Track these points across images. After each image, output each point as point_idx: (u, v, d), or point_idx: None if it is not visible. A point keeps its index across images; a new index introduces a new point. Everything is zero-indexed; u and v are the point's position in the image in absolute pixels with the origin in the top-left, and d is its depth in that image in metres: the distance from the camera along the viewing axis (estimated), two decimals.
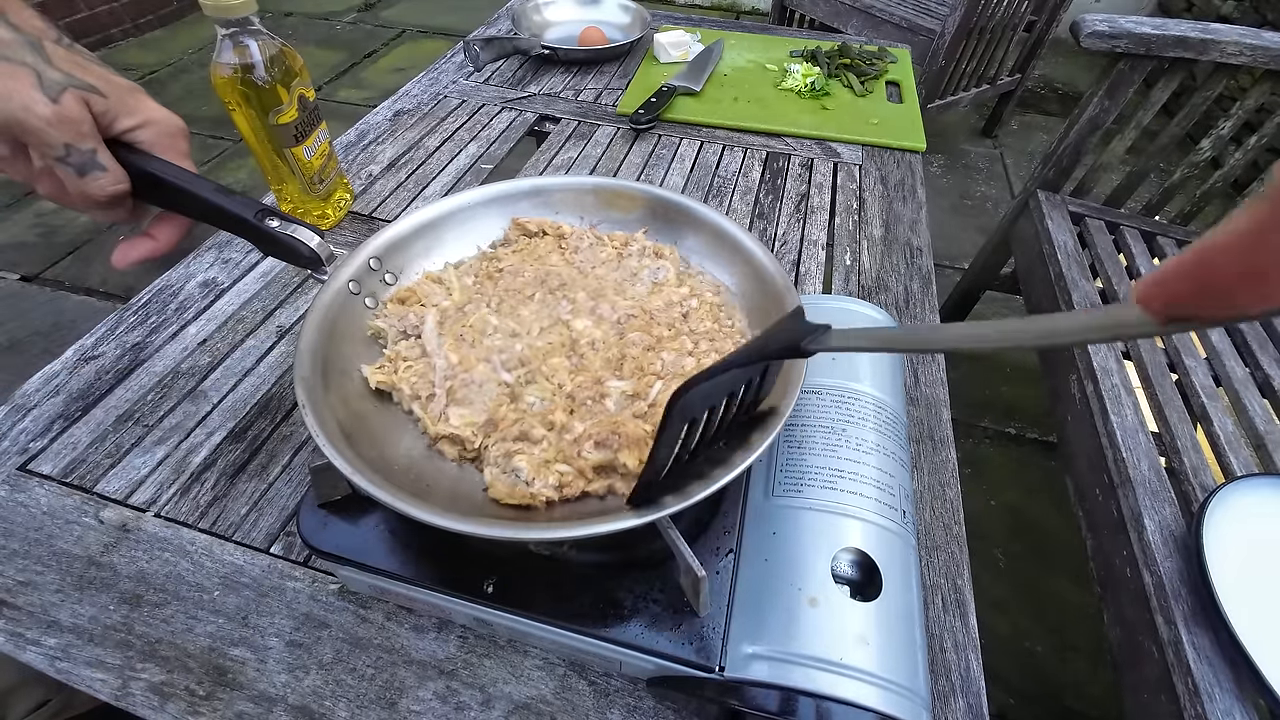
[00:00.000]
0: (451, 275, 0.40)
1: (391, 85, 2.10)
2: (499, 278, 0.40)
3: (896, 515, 0.32)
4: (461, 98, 0.85)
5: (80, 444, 0.45)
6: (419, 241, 0.41)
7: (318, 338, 0.33)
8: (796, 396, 0.29)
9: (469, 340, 0.36)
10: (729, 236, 0.41)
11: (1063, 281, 0.91)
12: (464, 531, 0.25)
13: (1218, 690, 0.50)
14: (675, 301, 0.39)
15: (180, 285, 0.57)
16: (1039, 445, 1.27)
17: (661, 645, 0.29)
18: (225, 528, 0.41)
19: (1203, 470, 0.67)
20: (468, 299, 0.39)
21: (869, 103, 0.85)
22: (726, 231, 0.41)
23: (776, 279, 0.37)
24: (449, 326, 0.37)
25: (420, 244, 0.41)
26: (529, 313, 0.38)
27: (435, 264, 0.41)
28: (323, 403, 0.30)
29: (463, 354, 0.35)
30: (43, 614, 0.36)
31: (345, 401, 0.33)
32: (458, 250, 0.42)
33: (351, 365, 0.35)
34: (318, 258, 0.35)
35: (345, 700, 0.34)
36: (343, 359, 0.35)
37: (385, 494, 0.26)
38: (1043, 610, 1.02)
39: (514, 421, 0.32)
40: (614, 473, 0.31)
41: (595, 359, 0.35)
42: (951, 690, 0.35)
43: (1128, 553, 0.62)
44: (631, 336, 0.36)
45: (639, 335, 0.36)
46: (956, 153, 2.06)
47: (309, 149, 0.57)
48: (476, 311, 0.38)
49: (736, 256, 0.40)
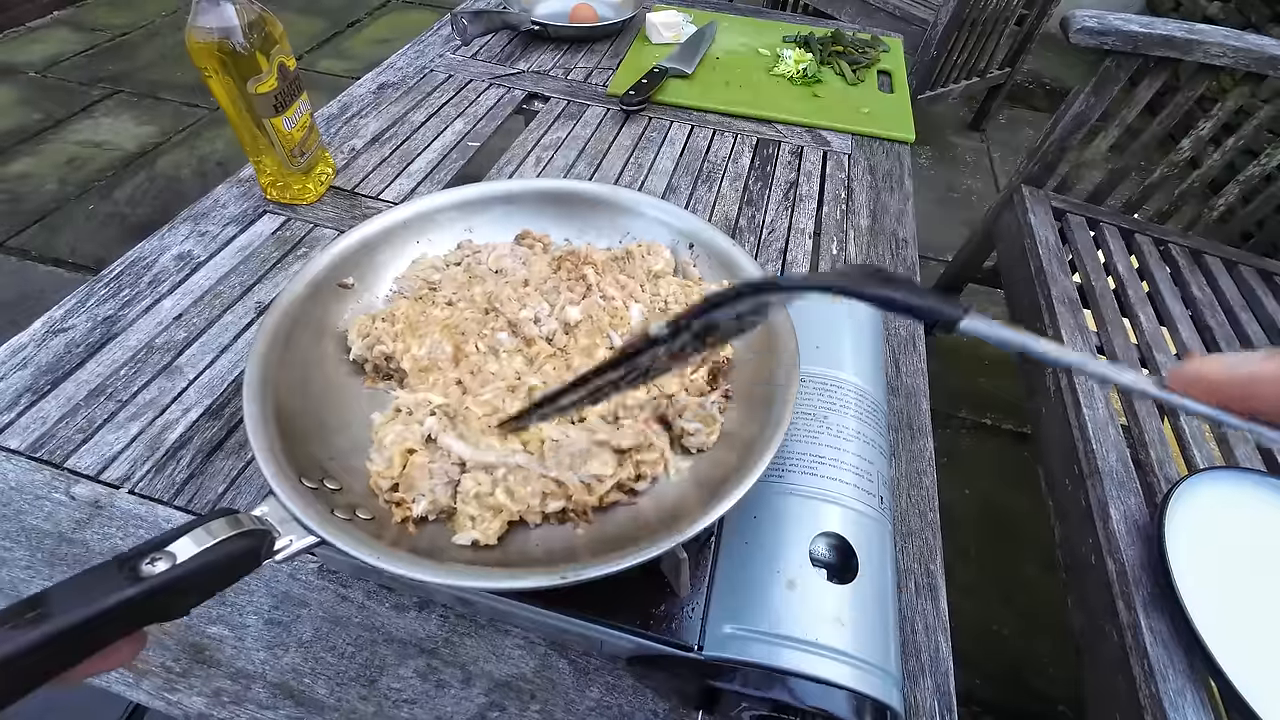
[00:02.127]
0: (408, 398, 0.33)
1: (375, 57, 2.04)
2: (433, 367, 0.35)
3: (874, 501, 0.33)
4: (448, 72, 0.83)
5: (50, 419, 0.43)
6: (294, 437, 0.30)
7: (419, 562, 0.26)
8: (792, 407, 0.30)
9: (490, 422, 0.32)
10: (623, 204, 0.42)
11: (1043, 276, 0.93)
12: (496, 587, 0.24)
13: (1171, 671, 0.52)
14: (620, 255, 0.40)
15: (154, 258, 0.55)
16: (1013, 436, 1.30)
17: (642, 625, 0.29)
18: (202, 506, 0.40)
19: (1168, 463, 0.69)
20: (445, 394, 0.33)
21: (860, 91, 0.85)
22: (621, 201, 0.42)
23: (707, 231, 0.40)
24: (469, 430, 0.32)
25: (296, 437, 0.30)
26: (496, 366, 0.35)
27: (330, 440, 0.32)
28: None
29: (520, 435, 0.31)
30: (11, 590, 0.36)
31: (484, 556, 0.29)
32: (328, 409, 0.34)
33: (447, 546, 0.29)
34: (266, 536, 0.24)
35: (325, 678, 0.34)
36: (434, 549, 0.29)
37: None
38: (1011, 595, 1.06)
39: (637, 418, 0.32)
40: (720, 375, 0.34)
41: (584, 336, 0.36)
42: (921, 670, 0.37)
43: (1093, 540, 0.64)
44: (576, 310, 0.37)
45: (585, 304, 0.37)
46: (944, 145, 2.07)
47: (289, 120, 0.56)
48: (463, 404, 0.33)
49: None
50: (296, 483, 0.27)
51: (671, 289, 0.38)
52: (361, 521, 0.28)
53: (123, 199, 1.63)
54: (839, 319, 0.41)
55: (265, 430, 0.29)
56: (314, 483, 0.28)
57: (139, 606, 0.19)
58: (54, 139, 1.78)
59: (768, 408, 0.30)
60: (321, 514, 0.26)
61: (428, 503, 0.30)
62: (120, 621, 0.19)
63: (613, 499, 0.31)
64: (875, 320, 0.42)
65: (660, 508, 0.31)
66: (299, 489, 0.27)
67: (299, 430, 0.31)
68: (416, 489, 0.30)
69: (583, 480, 0.30)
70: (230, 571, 0.22)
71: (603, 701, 0.34)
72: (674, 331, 0.22)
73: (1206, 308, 0.91)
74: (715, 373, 0.35)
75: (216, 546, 0.21)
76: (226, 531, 0.22)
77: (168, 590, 0.20)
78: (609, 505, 0.31)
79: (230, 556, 0.22)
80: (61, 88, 1.97)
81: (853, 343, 0.39)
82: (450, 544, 0.29)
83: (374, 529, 0.28)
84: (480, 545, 0.29)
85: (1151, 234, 1.05)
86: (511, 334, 0.36)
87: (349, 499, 0.29)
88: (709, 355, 0.35)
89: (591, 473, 0.30)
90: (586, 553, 0.28)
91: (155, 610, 0.20)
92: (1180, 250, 1.02)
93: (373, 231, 0.39)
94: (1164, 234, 1.05)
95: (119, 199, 1.63)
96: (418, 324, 0.36)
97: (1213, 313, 0.90)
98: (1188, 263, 1.00)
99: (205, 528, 0.21)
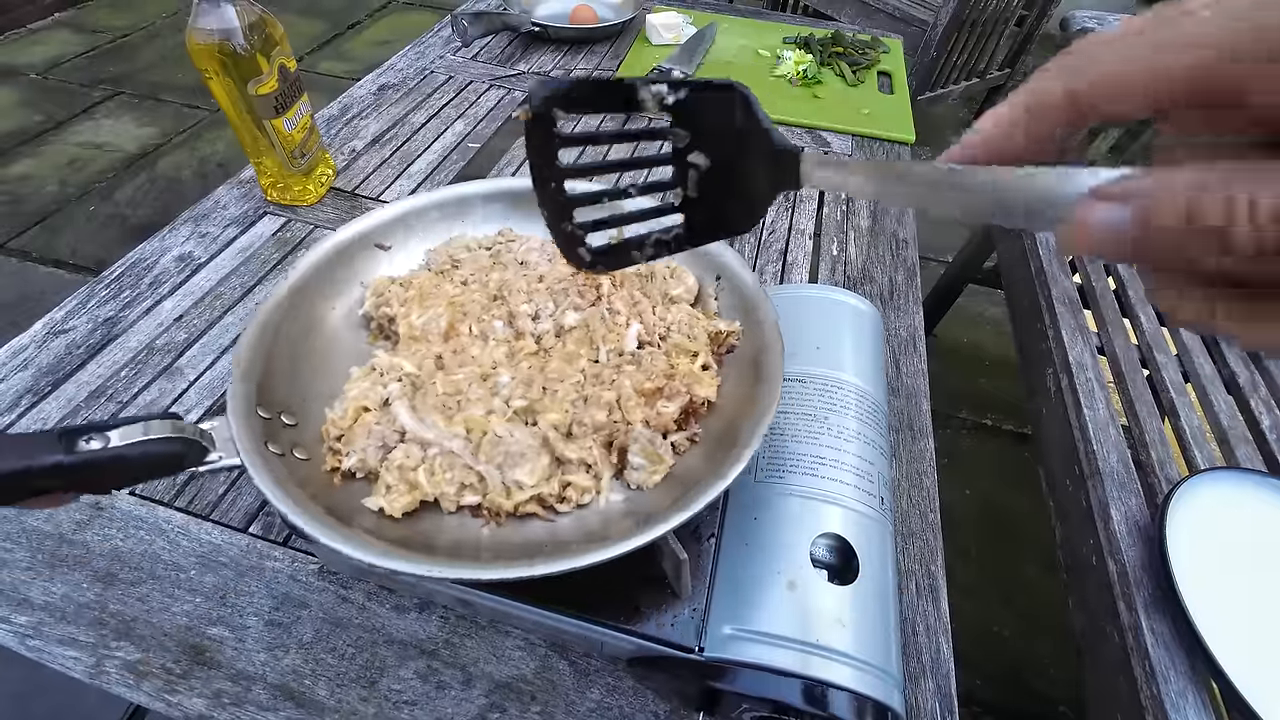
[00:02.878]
0: (387, 360, 0.34)
1: (375, 58, 2.05)
2: (424, 338, 0.35)
3: (875, 502, 0.33)
4: (448, 74, 0.83)
5: (50, 420, 0.43)
6: (274, 369, 0.32)
7: (310, 514, 0.26)
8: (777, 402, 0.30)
9: (455, 405, 0.32)
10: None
11: (1043, 277, 0.93)
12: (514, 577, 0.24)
13: (1173, 673, 0.52)
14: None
15: (155, 259, 0.55)
16: (1014, 436, 1.30)
17: (643, 626, 0.29)
18: (202, 506, 0.40)
19: (1169, 463, 0.69)
20: (418, 365, 0.34)
21: (860, 93, 0.85)
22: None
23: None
24: (424, 406, 0.32)
25: (277, 370, 0.32)
26: (479, 350, 0.34)
27: (307, 380, 0.34)
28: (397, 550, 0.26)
29: (465, 420, 0.31)
30: (12, 591, 0.36)
31: (384, 528, 0.29)
32: (315, 354, 0.35)
33: (357, 507, 0.30)
34: (196, 446, 0.26)
35: (325, 679, 0.34)
36: (344, 507, 0.29)
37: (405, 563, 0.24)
38: (1012, 596, 1.06)
39: (597, 428, 0.32)
40: (693, 415, 0.33)
41: (573, 344, 0.35)
42: (922, 671, 0.36)
43: (1094, 541, 0.64)
44: (580, 315, 0.37)
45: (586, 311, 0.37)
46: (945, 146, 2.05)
47: (290, 121, 0.56)
48: (432, 378, 0.33)
49: None
50: (251, 410, 0.29)
51: (679, 317, 0.36)
52: (292, 460, 0.29)
53: (123, 200, 1.63)
54: (840, 320, 0.41)
55: (251, 357, 0.31)
56: (270, 413, 0.30)
57: (67, 472, 0.22)
58: (55, 140, 1.78)
59: (728, 454, 0.28)
60: (255, 442, 0.27)
61: (357, 459, 0.31)
62: (49, 479, 0.22)
63: (530, 510, 0.30)
64: (876, 321, 0.42)
65: (581, 529, 0.30)
66: (250, 416, 0.28)
67: (285, 367, 0.33)
68: (354, 444, 0.31)
69: (505, 483, 0.30)
70: (155, 468, 0.25)
71: (603, 703, 0.34)
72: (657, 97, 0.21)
73: None
74: (689, 412, 0.33)
75: (149, 443, 0.24)
76: (162, 432, 0.24)
77: (94, 467, 0.23)
78: (524, 515, 0.30)
79: (159, 455, 0.24)
80: (62, 89, 1.97)
81: (853, 343, 0.39)
82: (361, 506, 0.30)
83: (302, 470, 0.29)
84: (385, 514, 0.29)
85: None
86: (507, 324, 0.36)
87: (296, 437, 0.31)
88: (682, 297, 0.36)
89: (515, 478, 0.30)
90: (488, 553, 0.29)
91: (81, 481, 0.23)
92: None
93: (416, 206, 0.41)
94: None
95: (120, 200, 1.63)
96: (428, 295, 0.37)
97: None
98: None
99: (145, 424, 0.24)
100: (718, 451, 0.30)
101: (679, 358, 0.34)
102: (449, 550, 0.29)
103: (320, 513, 0.26)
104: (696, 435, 0.33)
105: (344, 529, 0.26)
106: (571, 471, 0.31)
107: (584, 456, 0.31)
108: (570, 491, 0.31)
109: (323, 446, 0.32)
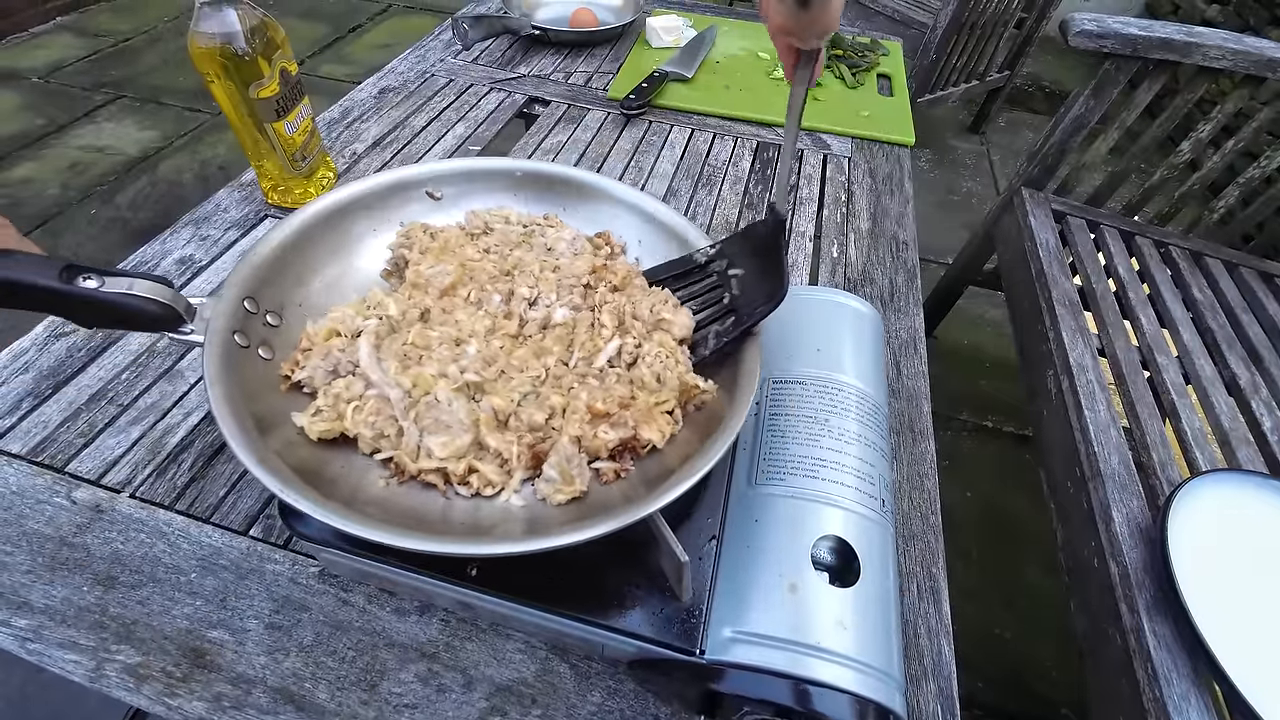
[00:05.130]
0: (379, 297, 0.36)
1: (377, 61, 2.05)
2: (425, 287, 0.37)
3: (876, 504, 0.33)
4: (449, 76, 0.84)
5: (51, 423, 0.43)
6: (288, 270, 0.35)
7: (232, 406, 0.27)
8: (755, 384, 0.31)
9: (415, 359, 0.33)
10: (612, 194, 0.43)
11: (1043, 279, 0.93)
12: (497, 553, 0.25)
13: (1175, 675, 0.52)
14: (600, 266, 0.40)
15: (156, 262, 0.55)
16: (1015, 439, 1.30)
17: (644, 629, 0.29)
18: (203, 509, 0.40)
19: (1170, 465, 0.69)
20: (402, 312, 0.35)
21: (860, 95, 0.85)
22: (609, 190, 0.43)
23: (670, 219, 0.41)
24: (388, 349, 0.33)
25: (290, 272, 0.35)
26: (465, 316, 0.35)
27: (313, 290, 0.37)
28: (272, 458, 0.27)
29: (415, 375, 0.31)
30: (13, 594, 0.36)
31: (293, 448, 0.30)
32: (333, 270, 0.38)
33: (283, 417, 0.31)
34: (173, 313, 0.28)
35: (326, 682, 0.34)
36: (273, 414, 0.30)
37: (380, 533, 0.25)
38: (1013, 598, 1.05)
39: (529, 422, 0.32)
40: (631, 451, 0.32)
41: (551, 340, 0.36)
42: (924, 674, 0.36)
43: (1096, 543, 0.64)
44: (573, 313, 0.37)
45: (581, 312, 0.37)
46: (944, 148, 2.08)
47: (291, 125, 0.56)
48: (410, 327, 0.34)
49: (628, 212, 0.43)
50: (237, 302, 0.31)
51: (655, 350, 0.35)
52: (253, 356, 0.32)
53: (125, 203, 1.63)
54: (840, 322, 0.41)
55: (271, 253, 0.34)
56: (258, 309, 0.33)
57: (56, 297, 0.26)
58: (56, 144, 1.78)
59: (650, 493, 0.27)
60: (224, 331, 0.30)
61: (307, 374, 0.32)
62: (41, 297, 0.25)
63: (430, 480, 0.31)
64: (876, 323, 0.42)
65: (471, 517, 0.30)
66: (235, 306, 0.31)
67: (297, 272, 0.36)
68: (312, 361, 0.32)
69: (419, 444, 0.30)
70: (135, 320, 0.28)
71: (604, 706, 0.34)
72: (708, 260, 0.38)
73: (1207, 310, 0.91)
74: (629, 447, 0.32)
75: (136, 298, 0.27)
76: (151, 293, 0.27)
77: (83, 301, 0.26)
78: (426, 483, 0.31)
79: (142, 310, 0.27)
80: (64, 93, 1.97)
81: (854, 346, 0.39)
82: (288, 420, 0.31)
83: (259, 368, 0.32)
84: (301, 434, 0.31)
85: (1152, 236, 1.05)
86: (504, 300, 0.37)
87: (270, 337, 0.33)
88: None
89: (429, 445, 0.30)
90: (372, 506, 0.29)
91: (67, 309, 0.27)
92: (1181, 252, 1.02)
93: (480, 167, 0.43)
94: (1164, 236, 1.05)
95: (121, 203, 1.63)
96: (448, 250, 0.38)
97: (1214, 314, 0.90)
98: (1188, 265, 1.00)
99: (138, 281, 0.27)
100: (640, 492, 0.29)
101: (641, 391, 0.33)
102: (328, 485, 0.29)
103: (242, 410, 0.28)
104: (626, 471, 0.32)
105: (247, 431, 0.27)
106: (486, 461, 0.31)
107: (504, 450, 0.31)
108: (474, 479, 0.31)
109: (293, 353, 0.34)
